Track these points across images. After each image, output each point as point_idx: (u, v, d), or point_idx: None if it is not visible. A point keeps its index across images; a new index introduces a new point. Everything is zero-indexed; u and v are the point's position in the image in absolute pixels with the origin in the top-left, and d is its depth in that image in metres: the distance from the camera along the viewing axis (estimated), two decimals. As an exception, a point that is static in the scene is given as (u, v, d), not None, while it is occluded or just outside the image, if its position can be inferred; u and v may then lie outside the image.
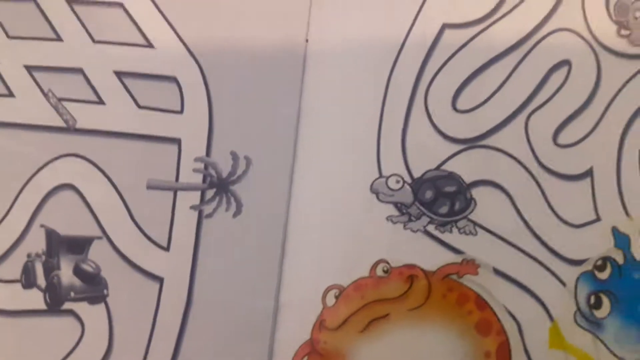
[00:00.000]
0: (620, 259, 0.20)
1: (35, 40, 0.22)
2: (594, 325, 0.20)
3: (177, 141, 0.21)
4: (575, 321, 0.20)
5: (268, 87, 0.21)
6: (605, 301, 0.20)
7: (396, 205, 0.20)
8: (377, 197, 0.20)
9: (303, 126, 0.21)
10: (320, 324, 0.20)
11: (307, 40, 0.21)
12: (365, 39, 0.21)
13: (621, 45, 0.20)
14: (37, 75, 0.22)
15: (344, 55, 0.21)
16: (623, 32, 0.20)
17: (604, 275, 0.20)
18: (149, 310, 0.20)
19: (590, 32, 0.20)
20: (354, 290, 0.20)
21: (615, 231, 0.20)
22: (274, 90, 0.21)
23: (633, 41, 0.20)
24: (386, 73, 0.21)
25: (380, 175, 0.21)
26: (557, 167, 0.20)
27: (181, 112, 0.21)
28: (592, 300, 0.20)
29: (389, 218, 0.20)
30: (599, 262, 0.20)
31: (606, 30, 0.20)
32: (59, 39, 0.22)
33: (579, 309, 0.20)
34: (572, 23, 0.20)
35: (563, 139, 0.20)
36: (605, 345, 0.19)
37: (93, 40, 0.22)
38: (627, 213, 0.20)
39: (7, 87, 0.22)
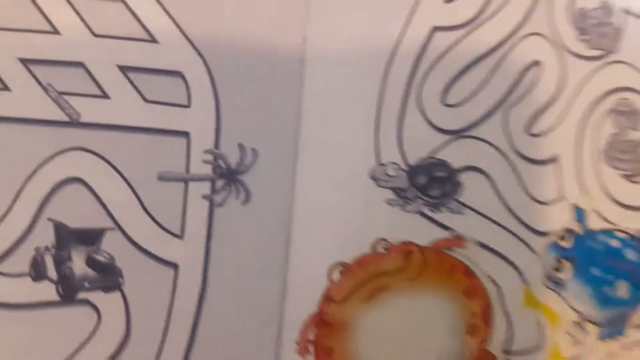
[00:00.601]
0: (579, 230, 0.25)
1: (29, 33, 0.23)
2: (558, 286, 0.25)
3: (185, 134, 0.24)
4: (544, 283, 0.25)
5: (270, 82, 0.24)
6: (568, 266, 0.25)
7: (394, 189, 0.24)
8: (377, 183, 0.24)
9: (305, 120, 0.24)
10: (327, 298, 0.24)
11: (304, 42, 0.24)
12: (360, 41, 0.24)
13: (582, 48, 0.25)
14: (34, 68, 0.23)
15: (341, 56, 0.24)
16: (583, 37, 0.25)
17: (566, 244, 0.25)
18: (165, 296, 0.23)
19: (557, 36, 0.25)
20: (357, 266, 0.24)
21: (575, 207, 0.25)
22: (276, 85, 0.24)
23: (591, 45, 0.25)
24: (381, 71, 0.24)
25: (379, 164, 0.24)
26: (529, 154, 0.25)
27: (188, 106, 0.24)
28: (557, 265, 0.25)
29: (387, 201, 0.24)
30: (563, 233, 0.25)
31: (569, 35, 0.25)
32: (55, 32, 0.23)
33: (546, 273, 0.25)
34: (542, 28, 0.25)
35: (535, 129, 0.25)
36: (567, 302, 0.25)
37: (93, 34, 0.23)
38: (584, 192, 0.26)
39: (1, 81, 0.23)
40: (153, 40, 0.23)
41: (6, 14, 0.23)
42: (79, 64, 0.23)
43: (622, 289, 0.25)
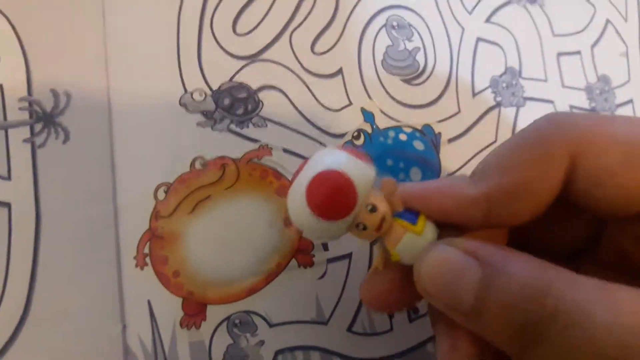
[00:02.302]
0: (369, 129, 0.35)
1: None
2: (357, 178, 0.34)
3: (-2, 85, 0.29)
4: (344, 176, 0.33)
5: (73, 30, 0.31)
6: (362, 159, 0.34)
7: (202, 113, 0.32)
8: (186, 109, 0.32)
9: (112, 59, 0.31)
10: (155, 215, 0.31)
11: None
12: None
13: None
14: None
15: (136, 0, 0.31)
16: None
17: (359, 142, 0.34)
18: (2, 234, 0.27)
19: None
20: (179, 184, 0.31)
21: (363, 110, 0.35)
22: (79, 32, 0.31)
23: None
24: (176, 8, 0.32)
25: (186, 91, 0.32)
26: (317, 70, 0.34)
27: (-3, 59, 0.29)
28: (354, 160, 0.34)
29: (198, 123, 0.32)
30: (355, 134, 0.34)
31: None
32: None
33: (345, 167, 0.34)
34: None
35: (318, 48, 0.34)
36: (366, 190, 0.34)
37: None
38: (369, 97, 0.35)
39: None
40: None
41: None
42: None
43: (416, 174, 0.34)
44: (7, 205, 0.27)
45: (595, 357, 0.15)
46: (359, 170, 0.20)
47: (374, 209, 0.20)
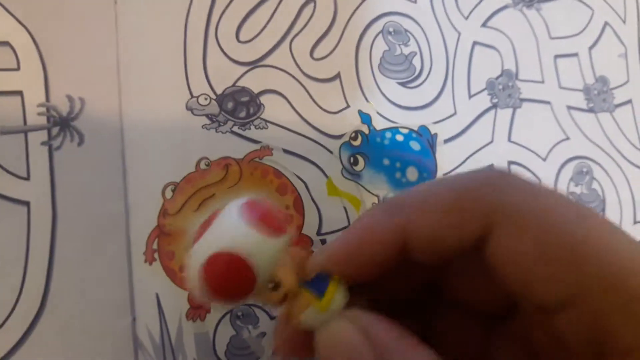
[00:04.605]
0: (366, 130, 0.38)
1: None
2: (355, 176, 0.37)
3: (19, 93, 0.34)
4: (343, 175, 0.37)
5: (87, 39, 0.35)
6: (360, 159, 0.37)
7: (207, 116, 0.36)
8: (192, 113, 0.36)
9: (123, 67, 0.35)
10: (163, 213, 0.34)
11: (115, 2, 0.35)
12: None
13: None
14: None
15: (146, 11, 0.36)
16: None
17: (357, 142, 0.38)
18: (22, 231, 0.31)
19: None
20: (185, 183, 0.35)
21: (360, 112, 0.38)
22: (93, 41, 0.35)
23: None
24: (183, 18, 0.36)
25: (192, 96, 0.36)
26: (316, 75, 0.38)
27: (18, 69, 0.34)
28: (352, 160, 0.37)
29: (203, 126, 0.36)
30: (353, 134, 0.38)
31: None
32: None
33: (343, 167, 0.37)
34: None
35: (317, 54, 0.38)
36: (364, 188, 0.37)
37: None
38: (366, 100, 0.38)
39: None
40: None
41: None
42: None
43: (412, 174, 0.38)
44: (27, 203, 0.30)
45: None
46: (260, 248, 0.19)
47: (276, 287, 0.19)
